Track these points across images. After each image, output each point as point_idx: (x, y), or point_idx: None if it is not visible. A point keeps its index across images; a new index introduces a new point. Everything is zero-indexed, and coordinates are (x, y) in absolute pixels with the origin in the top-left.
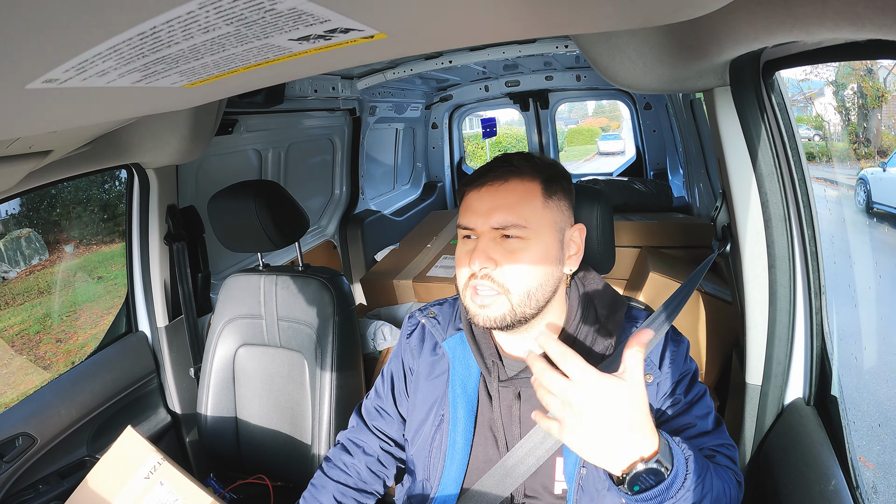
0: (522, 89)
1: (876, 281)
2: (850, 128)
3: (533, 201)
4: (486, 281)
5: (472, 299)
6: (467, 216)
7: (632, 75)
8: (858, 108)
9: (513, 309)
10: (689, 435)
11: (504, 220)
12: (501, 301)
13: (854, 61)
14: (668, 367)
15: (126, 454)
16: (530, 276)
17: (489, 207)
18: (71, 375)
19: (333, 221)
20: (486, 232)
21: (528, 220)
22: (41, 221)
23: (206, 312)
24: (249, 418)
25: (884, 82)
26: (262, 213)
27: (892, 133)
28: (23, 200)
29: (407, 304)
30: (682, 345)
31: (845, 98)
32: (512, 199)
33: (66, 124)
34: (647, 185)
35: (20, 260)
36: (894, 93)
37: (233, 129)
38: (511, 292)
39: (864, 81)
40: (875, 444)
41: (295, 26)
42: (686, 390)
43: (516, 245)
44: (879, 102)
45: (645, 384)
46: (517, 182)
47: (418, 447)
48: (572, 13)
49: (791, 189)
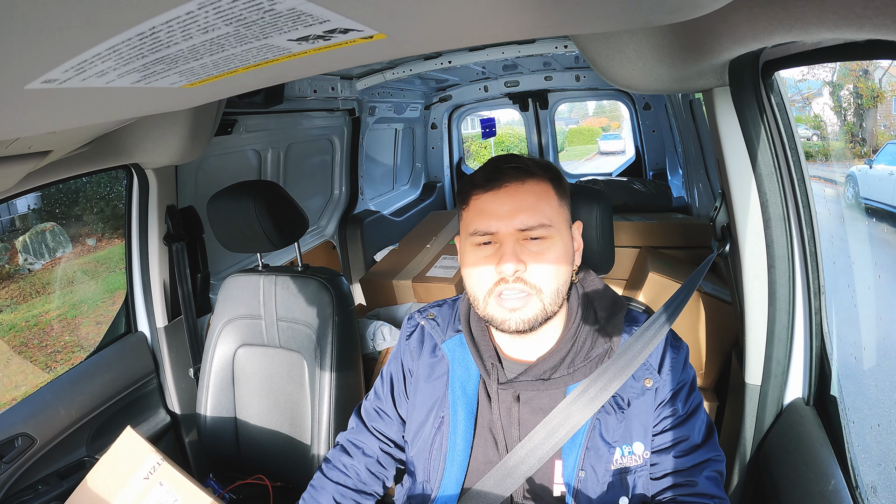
0: (522, 89)
1: (875, 281)
2: (847, 127)
3: (549, 200)
4: (518, 284)
5: (498, 305)
6: (484, 220)
7: (631, 75)
8: (855, 108)
9: (544, 308)
10: (683, 449)
11: (529, 220)
12: (534, 302)
13: (852, 61)
14: (668, 372)
15: (125, 454)
16: (558, 275)
17: (510, 209)
18: (70, 376)
19: (333, 222)
20: (510, 234)
21: (550, 219)
22: (65, 216)
23: (205, 313)
24: (249, 419)
25: (879, 83)
26: (261, 214)
27: (889, 132)
28: (44, 196)
29: (406, 305)
30: (681, 350)
31: (842, 98)
32: (532, 200)
33: (66, 124)
34: (647, 186)
35: (45, 253)
36: (888, 93)
37: (232, 130)
38: (543, 292)
39: (859, 82)
40: (874, 444)
41: (294, 27)
42: (685, 401)
43: (541, 245)
44: (874, 102)
45: (644, 388)
46: (533, 183)
47: (418, 449)
48: (571, 13)
49: (790, 189)
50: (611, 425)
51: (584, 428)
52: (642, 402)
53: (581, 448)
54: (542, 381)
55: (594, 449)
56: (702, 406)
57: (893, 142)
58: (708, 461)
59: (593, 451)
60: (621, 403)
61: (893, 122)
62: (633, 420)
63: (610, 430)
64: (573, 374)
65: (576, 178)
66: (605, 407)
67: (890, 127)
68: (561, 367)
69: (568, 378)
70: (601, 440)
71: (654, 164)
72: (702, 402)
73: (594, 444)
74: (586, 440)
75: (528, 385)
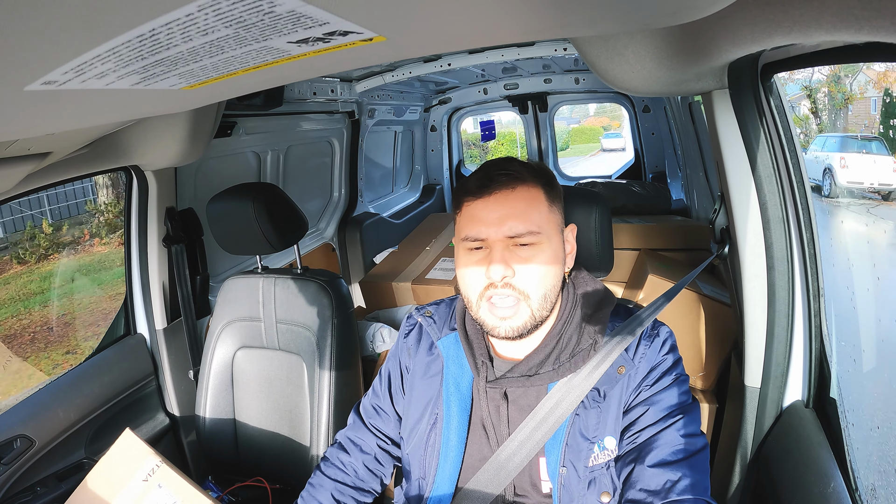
0: (521, 92)
1: (874, 283)
2: (820, 127)
3: (539, 207)
4: (506, 289)
5: (489, 311)
6: (475, 226)
7: (630, 78)
8: (829, 109)
9: (533, 314)
10: (642, 426)
11: (518, 227)
12: (522, 308)
13: (850, 64)
14: (642, 357)
15: (124, 456)
16: (546, 280)
17: (500, 216)
18: (69, 377)
19: (332, 224)
20: (499, 241)
21: (539, 225)
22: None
23: (204, 315)
24: (248, 421)
25: (849, 87)
26: (260, 216)
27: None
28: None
29: (406, 307)
30: (658, 336)
31: (818, 100)
32: (521, 207)
33: (65, 126)
34: (646, 188)
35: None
36: (859, 95)
37: (231, 132)
38: (531, 297)
39: (831, 87)
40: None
41: (294, 29)
42: (654, 382)
43: (530, 251)
44: (846, 104)
45: (618, 377)
46: (524, 189)
47: (414, 446)
48: (571, 16)
49: (789, 191)
50: (590, 421)
51: (565, 424)
52: (616, 390)
53: (562, 445)
54: (527, 377)
55: (574, 445)
56: (675, 388)
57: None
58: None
59: (573, 448)
60: (598, 398)
61: (871, 121)
62: (610, 412)
63: (590, 426)
64: (558, 371)
65: (575, 180)
66: (584, 402)
67: (870, 126)
68: (546, 363)
69: (553, 374)
70: (580, 437)
71: (654, 167)
72: (678, 385)
73: (574, 440)
74: (566, 437)
75: (514, 382)
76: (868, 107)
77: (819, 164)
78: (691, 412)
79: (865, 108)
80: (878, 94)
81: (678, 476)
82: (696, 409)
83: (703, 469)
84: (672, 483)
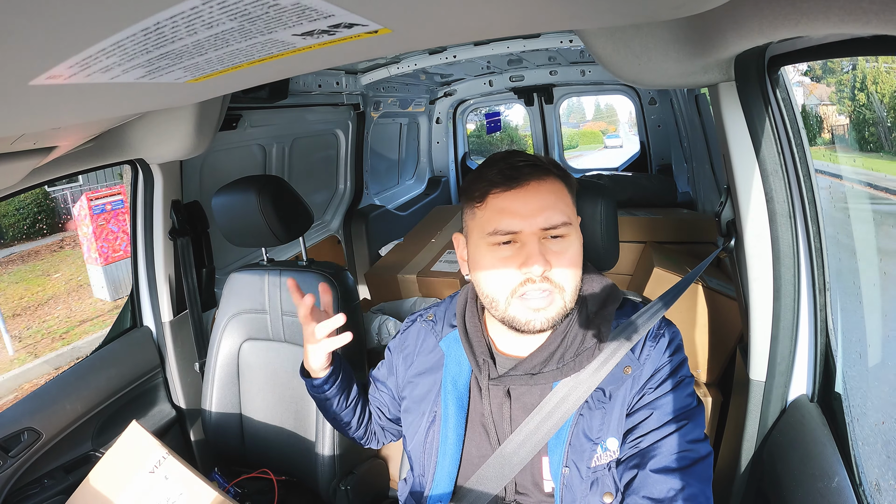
0: (527, 84)
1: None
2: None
3: (566, 198)
4: (544, 283)
5: (522, 305)
6: (507, 220)
7: (636, 70)
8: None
9: (565, 305)
10: (645, 430)
11: (554, 219)
12: (557, 300)
13: (858, 57)
14: (647, 358)
15: (131, 449)
16: (578, 272)
17: (535, 208)
18: (76, 370)
19: (338, 216)
20: (533, 233)
21: (569, 217)
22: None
23: (210, 307)
24: (254, 413)
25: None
26: (266, 209)
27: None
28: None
29: (411, 299)
30: (665, 337)
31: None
32: (553, 198)
33: (70, 120)
34: (652, 181)
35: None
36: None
37: (237, 125)
38: (565, 290)
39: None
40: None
41: (299, 21)
42: (658, 385)
43: (561, 244)
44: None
45: (623, 377)
46: (553, 180)
47: (414, 444)
48: (577, 7)
49: (796, 184)
50: (595, 422)
51: (568, 424)
52: (622, 391)
53: (565, 444)
54: (531, 375)
55: (577, 445)
56: (679, 391)
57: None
58: (667, 443)
59: (576, 448)
60: (602, 398)
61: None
62: (614, 413)
63: (594, 427)
64: (562, 369)
65: (581, 172)
66: (588, 403)
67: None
68: (550, 361)
69: (557, 373)
70: (584, 437)
71: (660, 159)
72: (682, 388)
73: (577, 440)
74: (570, 436)
75: (518, 380)
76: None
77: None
78: (695, 417)
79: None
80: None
81: (681, 485)
82: (700, 413)
83: (706, 477)
84: (675, 491)
